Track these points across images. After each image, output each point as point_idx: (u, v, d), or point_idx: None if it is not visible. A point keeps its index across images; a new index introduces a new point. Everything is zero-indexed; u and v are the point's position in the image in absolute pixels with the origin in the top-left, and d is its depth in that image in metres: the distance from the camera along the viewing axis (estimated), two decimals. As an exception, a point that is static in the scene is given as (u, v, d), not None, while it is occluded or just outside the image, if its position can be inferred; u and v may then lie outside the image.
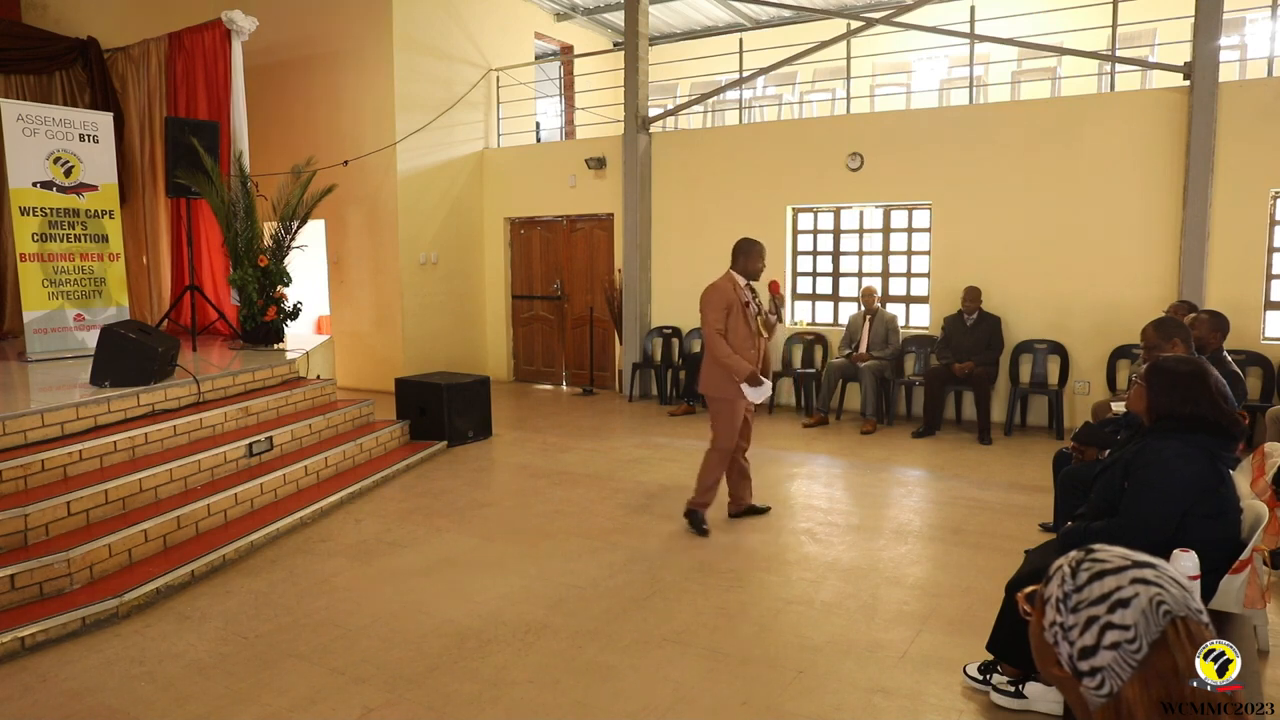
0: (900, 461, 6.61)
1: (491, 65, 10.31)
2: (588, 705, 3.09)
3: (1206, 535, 2.73)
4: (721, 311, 4.82)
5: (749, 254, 4.93)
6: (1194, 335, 4.81)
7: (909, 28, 8.60)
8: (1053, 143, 7.40)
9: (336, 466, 6.01)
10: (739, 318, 4.85)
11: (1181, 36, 7.51)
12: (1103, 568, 1.03)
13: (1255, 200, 6.74)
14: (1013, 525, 5.00)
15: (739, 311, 4.84)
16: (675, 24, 11.94)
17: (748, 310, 4.86)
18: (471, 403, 7.24)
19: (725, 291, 4.84)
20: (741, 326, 4.85)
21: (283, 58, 9.51)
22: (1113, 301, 7.24)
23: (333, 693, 3.18)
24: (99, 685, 3.26)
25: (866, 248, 8.65)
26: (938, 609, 3.85)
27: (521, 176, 10.27)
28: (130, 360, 5.41)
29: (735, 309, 4.84)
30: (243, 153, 7.89)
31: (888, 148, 8.12)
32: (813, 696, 3.12)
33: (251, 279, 7.44)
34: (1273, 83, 6.75)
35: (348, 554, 4.68)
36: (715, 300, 4.83)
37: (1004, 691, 3.02)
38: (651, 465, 6.50)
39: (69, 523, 4.27)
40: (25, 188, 6.85)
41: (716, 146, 9.13)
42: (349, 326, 9.85)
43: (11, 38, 8.58)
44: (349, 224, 9.68)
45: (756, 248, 4.94)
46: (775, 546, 4.73)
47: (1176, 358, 2.96)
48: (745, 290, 4.91)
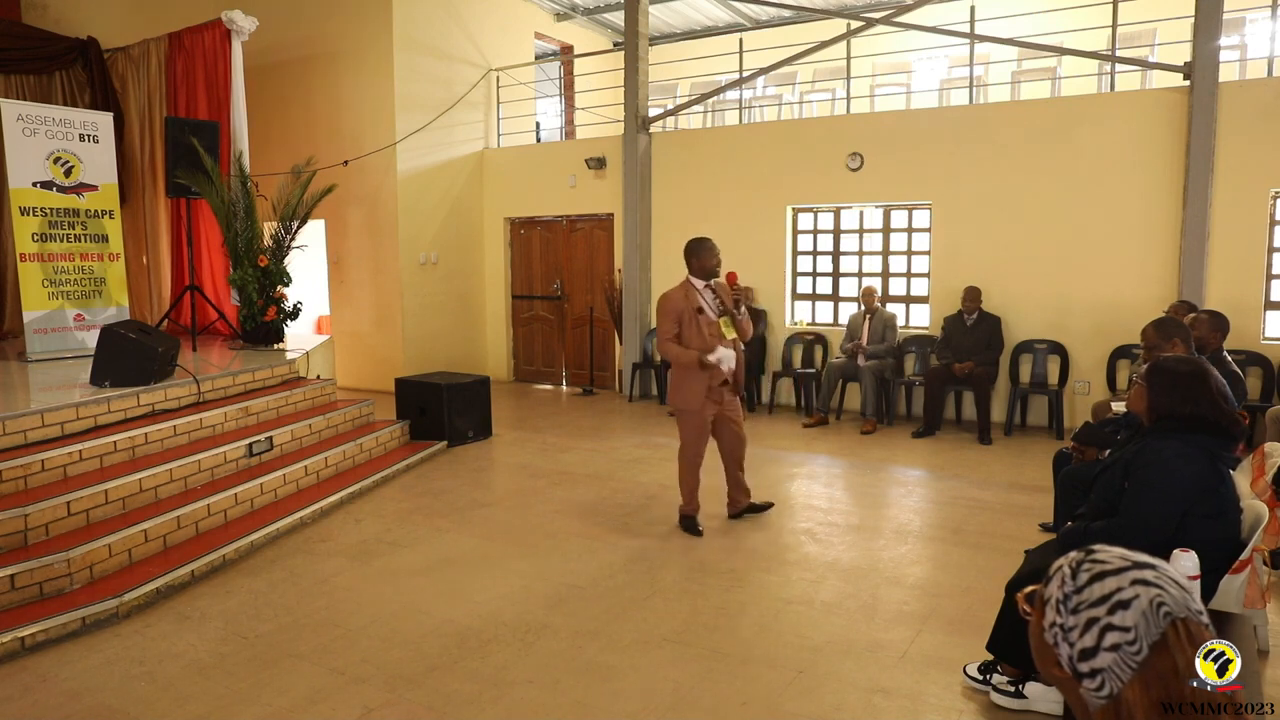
0: (900, 461, 6.61)
1: (491, 65, 10.32)
2: (588, 705, 3.09)
3: (1206, 535, 2.73)
4: (670, 322, 4.75)
5: (699, 253, 4.81)
6: (1194, 335, 4.82)
7: (909, 28, 8.60)
8: (1053, 143, 7.40)
9: (336, 466, 6.01)
10: (692, 325, 4.74)
11: (1181, 36, 7.51)
12: (1103, 569, 1.03)
13: (1255, 200, 6.74)
14: (1013, 525, 5.00)
15: (691, 319, 4.74)
16: (675, 24, 11.94)
17: (701, 316, 4.74)
18: (471, 403, 7.24)
19: (675, 300, 4.76)
20: (694, 335, 4.74)
21: (283, 58, 9.51)
22: (1113, 301, 7.24)
23: (333, 693, 3.18)
24: (99, 685, 3.26)
25: (866, 248, 8.65)
26: (938, 609, 3.85)
27: (521, 176, 10.27)
28: (130, 360, 5.41)
29: (688, 317, 4.74)
30: (243, 153, 7.89)
31: (888, 148, 8.12)
32: (813, 696, 3.12)
33: (251, 279, 7.44)
34: (1273, 83, 6.75)
35: (348, 554, 4.68)
36: (664, 310, 4.77)
37: (1004, 691, 3.02)
38: (651, 465, 6.50)
39: (69, 523, 4.27)
40: (25, 188, 6.85)
41: (716, 146, 9.13)
42: (349, 326, 9.85)
43: (11, 38, 8.59)
44: (349, 224, 9.68)
45: (706, 244, 4.82)
46: (775, 546, 4.73)
47: (1176, 358, 2.96)
48: (705, 293, 4.80)
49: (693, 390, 4.79)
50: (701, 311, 4.75)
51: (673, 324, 4.74)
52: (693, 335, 4.74)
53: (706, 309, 4.77)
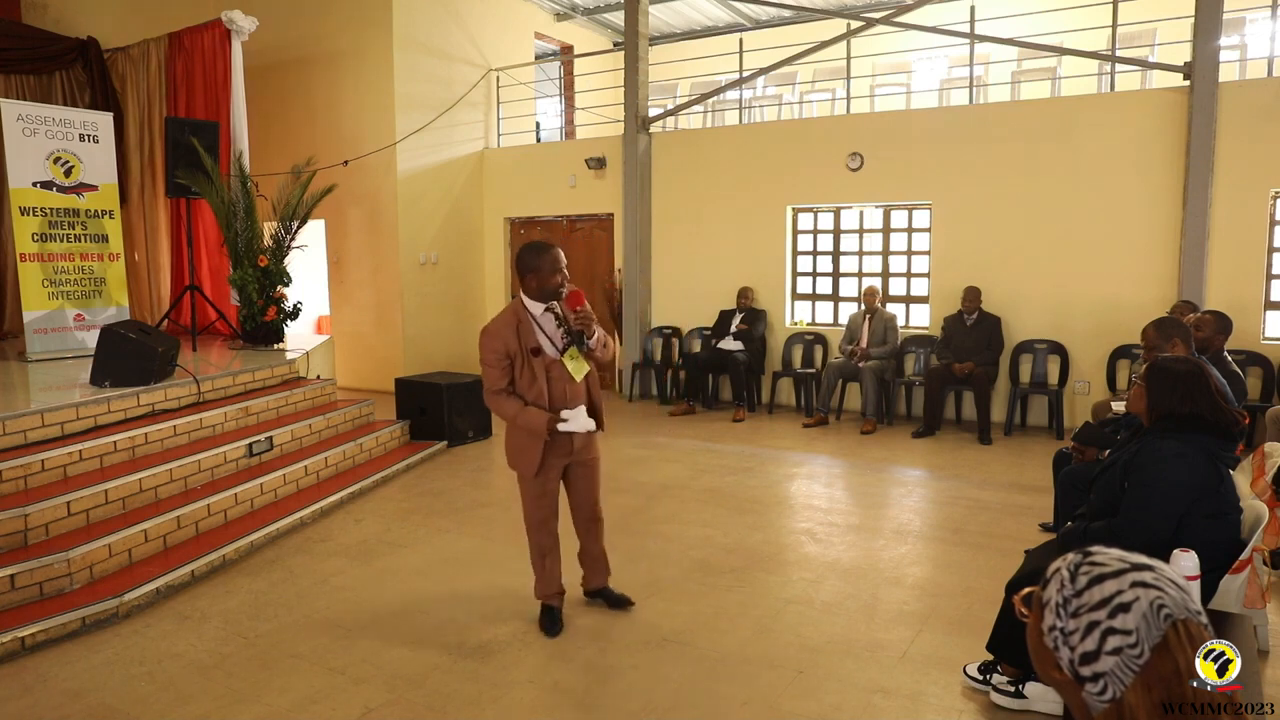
0: (900, 461, 6.61)
1: (491, 65, 10.31)
2: (588, 705, 3.09)
3: (1206, 535, 2.73)
4: (498, 368, 3.43)
5: (537, 266, 3.42)
6: (1199, 336, 4.82)
7: (909, 28, 8.60)
8: (1053, 143, 7.40)
9: (336, 466, 6.01)
10: (525, 370, 3.45)
11: (1181, 36, 7.50)
12: (1101, 571, 1.03)
13: (1255, 200, 6.74)
14: (1013, 525, 5.00)
15: (525, 362, 3.44)
16: (675, 24, 11.94)
17: (539, 358, 3.45)
18: (471, 403, 7.23)
19: (501, 338, 3.42)
20: (528, 384, 3.46)
21: (283, 58, 9.51)
22: (1113, 301, 7.24)
23: (333, 693, 3.18)
24: (99, 685, 3.26)
25: (866, 248, 8.65)
26: (938, 609, 3.85)
27: (521, 176, 10.27)
28: (130, 360, 5.41)
29: (519, 359, 3.45)
30: (242, 153, 7.89)
31: (888, 148, 8.12)
32: (813, 696, 3.12)
33: (251, 279, 7.43)
34: (1273, 83, 6.75)
35: (348, 554, 4.68)
36: (488, 349, 3.43)
37: (1004, 691, 3.02)
38: (651, 465, 6.50)
39: (69, 523, 4.27)
40: (25, 188, 6.85)
41: (716, 146, 9.13)
42: (349, 326, 9.85)
43: (11, 38, 8.58)
44: (349, 224, 9.68)
45: (547, 254, 3.42)
46: (775, 546, 4.73)
47: (1175, 358, 2.97)
48: (545, 320, 3.49)
49: (531, 452, 3.52)
50: (538, 352, 3.45)
51: (501, 371, 3.44)
52: (526, 384, 3.46)
53: (545, 346, 3.47)
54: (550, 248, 3.46)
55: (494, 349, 3.42)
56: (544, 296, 3.46)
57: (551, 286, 3.44)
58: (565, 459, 3.63)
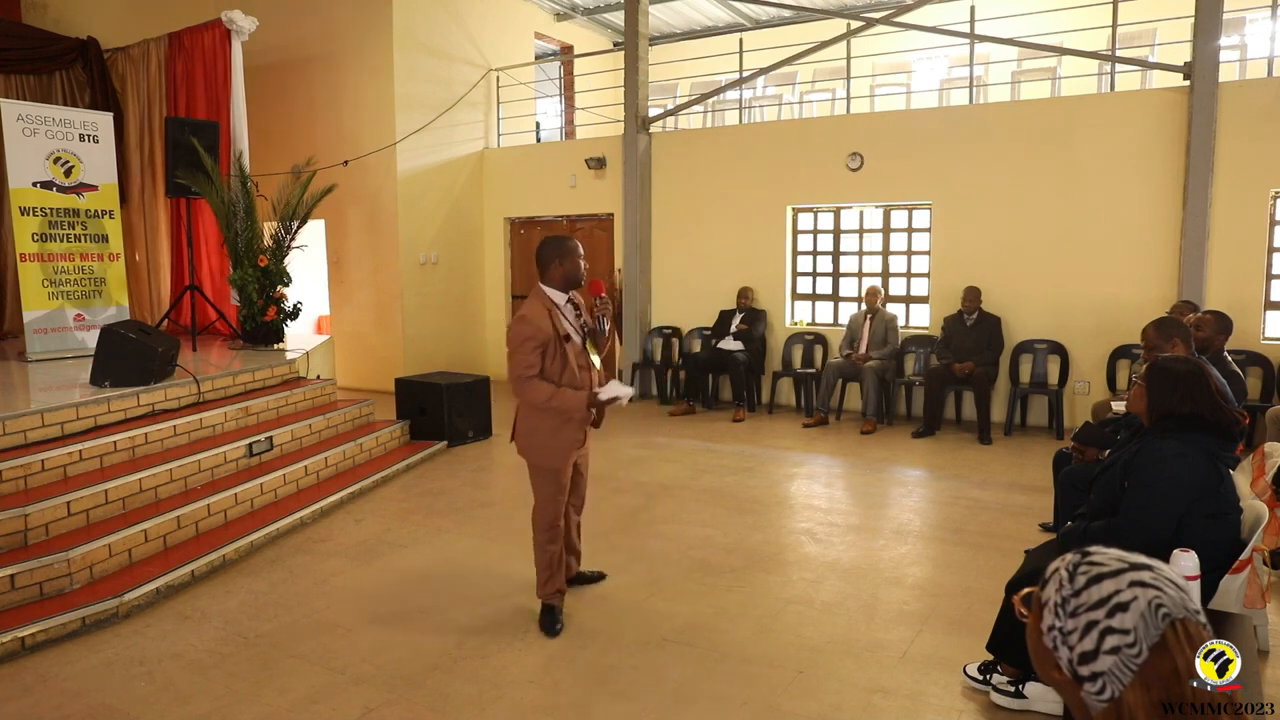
0: (900, 461, 6.61)
1: (491, 65, 10.31)
2: (588, 705, 3.10)
3: (1206, 535, 2.73)
4: (533, 353, 3.53)
5: (562, 257, 3.63)
6: (1200, 336, 4.82)
7: (909, 28, 8.60)
8: (1053, 143, 7.40)
9: (336, 466, 6.01)
10: (556, 357, 3.58)
11: (1181, 36, 7.50)
12: (1100, 571, 1.03)
13: (1255, 200, 6.74)
14: (1013, 525, 5.00)
15: (556, 349, 3.58)
16: (675, 24, 11.94)
17: (568, 344, 3.61)
18: (471, 403, 7.23)
19: (536, 325, 3.54)
20: (558, 369, 3.59)
21: (283, 58, 9.51)
22: (1113, 301, 7.24)
23: (333, 693, 3.18)
24: (99, 685, 3.26)
25: (866, 248, 8.65)
26: (938, 609, 3.85)
27: (521, 176, 10.27)
28: (130, 360, 5.41)
29: (552, 346, 3.57)
30: (243, 153, 7.89)
31: (888, 148, 8.12)
32: (813, 696, 3.12)
33: (251, 279, 7.44)
34: (1273, 83, 6.75)
35: (348, 554, 4.68)
36: (523, 337, 3.54)
37: (1004, 691, 3.02)
38: (651, 465, 6.50)
39: (69, 523, 4.27)
40: (25, 188, 6.85)
41: (716, 146, 9.13)
42: (349, 326, 9.85)
43: (11, 38, 8.58)
44: (349, 224, 9.68)
45: (567, 246, 3.66)
46: (775, 546, 4.73)
47: (1175, 358, 2.97)
48: (568, 309, 3.69)
49: (561, 441, 3.66)
50: (568, 338, 3.63)
51: (534, 357, 3.54)
52: (557, 369, 3.59)
53: (572, 333, 3.67)
54: (569, 242, 3.69)
55: (531, 336, 3.54)
56: (567, 285, 3.68)
57: (574, 276, 3.67)
58: (577, 451, 3.77)
